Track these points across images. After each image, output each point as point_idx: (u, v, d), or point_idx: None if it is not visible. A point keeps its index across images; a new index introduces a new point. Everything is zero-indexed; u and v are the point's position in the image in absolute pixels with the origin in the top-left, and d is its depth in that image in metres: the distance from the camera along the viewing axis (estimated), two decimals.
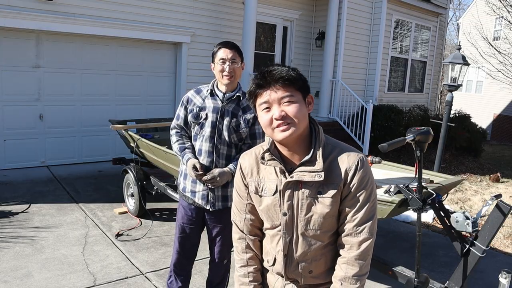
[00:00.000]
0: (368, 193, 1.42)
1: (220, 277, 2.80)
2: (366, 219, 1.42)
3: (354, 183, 1.41)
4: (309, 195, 1.43)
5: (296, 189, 1.44)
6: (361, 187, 1.41)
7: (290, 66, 1.44)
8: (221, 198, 2.58)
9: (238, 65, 2.47)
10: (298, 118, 1.37)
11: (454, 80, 6.11)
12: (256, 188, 1.52)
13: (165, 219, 4.86)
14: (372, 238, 1.43)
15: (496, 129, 18.60)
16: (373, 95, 9.91)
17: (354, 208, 1.42)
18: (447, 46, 22.49)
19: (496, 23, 17.93)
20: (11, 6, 5.84)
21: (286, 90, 1.37)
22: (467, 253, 2.67)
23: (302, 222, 1.46)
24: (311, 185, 1.42)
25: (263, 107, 1.40)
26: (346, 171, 1.41)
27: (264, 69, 1.41)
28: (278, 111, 1.36)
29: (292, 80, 1.37)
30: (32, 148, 6.62)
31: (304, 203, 1.44)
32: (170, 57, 7.73)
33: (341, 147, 1.47)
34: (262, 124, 1.42)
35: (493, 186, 8.01)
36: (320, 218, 1.43)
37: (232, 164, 2.54)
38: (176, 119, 2.68)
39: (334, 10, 8.86)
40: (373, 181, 1.46)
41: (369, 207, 1.43)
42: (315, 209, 1.43)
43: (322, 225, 1.45)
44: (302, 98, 1.40)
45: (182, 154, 2.58)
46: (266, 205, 1.50)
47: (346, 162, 1.42)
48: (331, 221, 1.45)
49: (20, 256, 3.69)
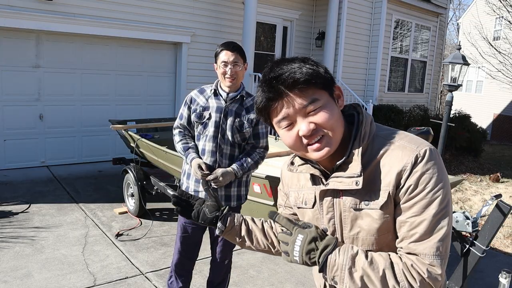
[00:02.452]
0: (432, 197, 1.01)
1: (221, 277, 2.80)
2: (428, 235, 1.01)
3: (408, 185, 1.02)
4: (351, 206, 1.10)
5: (336, 200, 1.13)
6: (421, 190, 1.01)
7: (298, 56, 1.09)
8: (224, 198, 2.59)
9: (240, 67, 2.47)
10: (332, 127, 1.05)
11: (454, 80, 6.10)
12: (295, 200, 1.25)
13: (165, 219, 4.86)
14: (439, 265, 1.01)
15: (496, 129, 18.59)
16: (373, 95, 9.91)
17: (410, 219, 1.03)
18: (447, 46, 22.49)
19: (496, 23, 17.92)
20: (11, 6, 5.84)
21: (307, 95, 1.03)
22: (467, 253, 2.67)
23: (347, 240, 1.14)
24: (354, 193, 1.09)
25: (283, 125, 1.08)
26: (399, 173, 1.03)
27: (269, 73, 1.06)
28: (305, 126, 1.04)
29: (310, 79, 1.03)
30: (32, 148, 6.62)
31: (347, 216, 1.12)
32: (170, 57, 7.73)
33: (397, 139, 1.08)
34: (288, 146, 1.11)
35: (493, 186, 8.01)
36: (369, 236, 1.09)
37: (236, 164, 2.53)
38: (179, 119, 2.68)
39: (334, 10, 8.87)
40: (443, 182, 1.03)
41: (435, 218, 1.01)
42: (362, 224, 1.10)
43: (375, 245, 1.10)
44: (329, 96, 1.07)
45: (185, 153, 2.59)
46: (309, 219, 1.23)
47: (399, 159, 1.04)
48: (387, 238, 1.09)
49: (20, 256, 3.69)
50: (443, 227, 1.02)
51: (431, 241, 1.01)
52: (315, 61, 1.08)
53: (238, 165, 2.52)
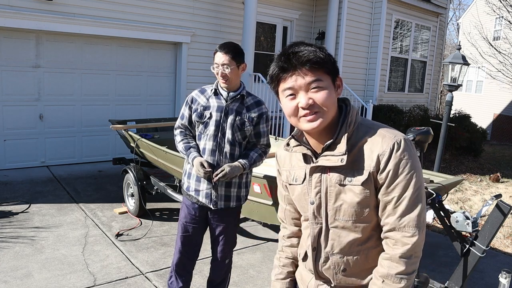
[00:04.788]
0: (409, 179, 1.23)
1: (222, 276, 2.80)
2: (409, 210, 1.24)
3: (389, 169, 1.23)
4: (337, 181, 1.29)
5: (324, 176, 1.31)
6: (399, 173, 1.23)
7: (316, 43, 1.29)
8: (224, 198, 2.60)
9: (229, 69, 2.49)
10: (327, 107, 1.24)
11: (454, 80, 6.10)
12: (287, 177, 1.44)
13: (165, 219, 4.86)
14: (419, 232, 1.24)
15: (496, 129, 18.59)
16: (373, 95, 9.92)
17: (394, 198, 1.24)
18: (447, 46, 22.50)
19: (496, 23, 17.92)
20: (11, 6, 5.84)
21: (314, 75, 1.22)
22: (467, 253, 2.67)
23: (331, 211, 1.33)
24: (340, 170, 1.28)
25: (287, 94, 1.26)
26: (379, 157, 1.24)
27: (288, 49, 1.25)
28: (305, 99, 1.22)
29: (321, 62, 1.22)
30: (32, 148, 6.62)
31: (332, 190, 1.30)
32: (170, 57, 7.74)
33: (378, 129, 1.29)
34: (286, 112, 1.29)
35: (493, 186, 8.01)
36: (350, 207, 1.29)
37: (244, 160, 2.57)
38: (181, 119, 2.70)
39: (334, 10, 8.87)
40: (417, 166, 1.25)
41: (412, 197, 1.23)
42: (345, 197, 1.29)
43: (354, 216, 1.30)
44: (331, 82, 1.26)
45: (187, 153, 2.60)
46: (297, 194, 1.41)
47: (380, 145, 1.24)
48: (366, 213, 1.29)
49: (20, 256, 3.69)
50: (420, 202, 1.25)
51: (413, 214, 1.24)
52: (329, 53, 1.27)
53: (244, 158, 2.57)
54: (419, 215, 1.24)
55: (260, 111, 2.62)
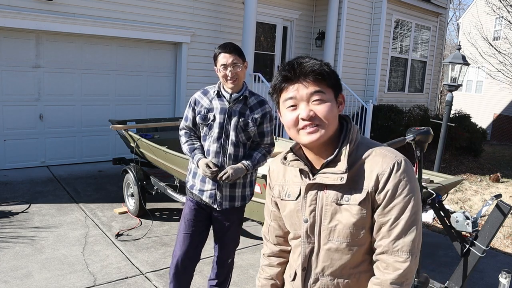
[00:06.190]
0: (407, 201, 1.19)
1: (223, 276, 2.79)
2: (404, 234, 1.19)
3: (388, 189, 1.20)
4: (333, 200, 1.25)
5: (320, 193, 1.27)
6: (398, 195, 1.19)
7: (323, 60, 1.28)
8: (229, 198, 2.60)
9: (240, 68, 2.49)
10: (328, 120, 1.21)
11: (454, 80, 6.10)
12: (279, 192, 1.39)
13: (165, 219, 4.86)
14: (412, 258, 1.19)
15: (496, 129, 18.59)
16: (373, 95, 9.91)
17: (389, 220, 1.20)
18: (447, 46, 22.50)
19: (496, 23, 17.92)
20: (11, 6, 5.84)
21: (317, 86, 1.20)
22: (467, 253, 2.67)
23: (325, 231, 1.27)
24: (337, 189, 1.24)
25: (288, 104, 1.23)
26: (378, 176, 1.20)
27: (293, 60, 1.23)
28: (305, 111, 1.19)
29: (325, 75, 1.21)
30: (32, 148, 6.62)
31: (328, 209, 1.26)
32: (170, 57, 7.74)
33: (378, 148, 1.26)
34: (286, 124, 1.25)
35: (493, 186, 8.01)
36: (346, 228, 1.24)
37: (247, 161, 2.57)
38: (185, 121, 2.70)
39: (334, 10, 8.87)
40: (416, 189, 1.22)
41: (409, 220, 1.19)
42: (340, 217, 1.24)
43: (349, 238, 1.25)
44: (333, 96, 1.23)
45: (192, 154, 2.62)
46: (289, 211, 1.35)
47: (380, 165, 1.21)
48: (361, 235, 1.25)
49: (20, 256, 3.69)
50: (415, 226, 1.21)
51: (407, 239, 1.19)
52: (334, 69, 1.26)
53: (247, 159, 2.58)
54: (414, 241, 1.20)
55: (264, 110, 2.62)
